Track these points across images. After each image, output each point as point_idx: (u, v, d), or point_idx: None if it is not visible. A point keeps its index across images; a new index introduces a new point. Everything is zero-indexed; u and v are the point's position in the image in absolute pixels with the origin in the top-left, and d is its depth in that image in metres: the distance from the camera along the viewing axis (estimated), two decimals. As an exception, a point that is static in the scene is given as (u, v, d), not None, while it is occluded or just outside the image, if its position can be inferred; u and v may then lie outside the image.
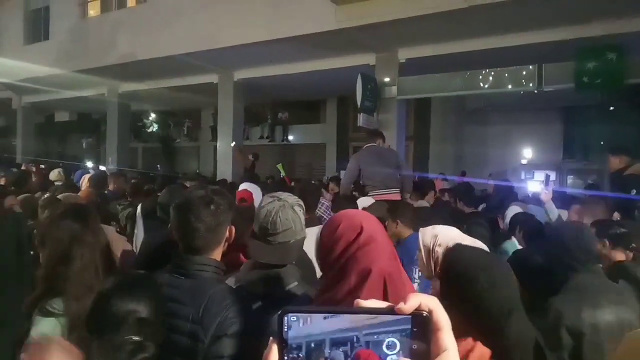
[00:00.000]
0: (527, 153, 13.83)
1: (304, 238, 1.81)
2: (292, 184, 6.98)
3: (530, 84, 9.23)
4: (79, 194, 4.95)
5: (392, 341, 0.50)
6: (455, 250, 1.55)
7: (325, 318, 0.50)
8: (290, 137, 17.39)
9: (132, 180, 7.31)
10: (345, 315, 0.50)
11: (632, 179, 4.40)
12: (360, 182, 5.52)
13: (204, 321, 1.45)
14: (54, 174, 7.53)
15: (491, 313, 1.37)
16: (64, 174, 7.70)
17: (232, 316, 1.46)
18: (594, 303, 2.08)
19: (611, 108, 12.33)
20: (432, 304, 0.51)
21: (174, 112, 19.19)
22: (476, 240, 1.66)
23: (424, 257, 1.62)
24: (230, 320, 1.45)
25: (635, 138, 11.48)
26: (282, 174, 9.05)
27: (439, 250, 1.61)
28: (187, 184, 6.28)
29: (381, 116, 10.12)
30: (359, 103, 9.64)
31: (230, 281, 1.94)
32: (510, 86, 9.48)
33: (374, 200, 4.49)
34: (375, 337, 0.50)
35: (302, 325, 0.50)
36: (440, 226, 1.71)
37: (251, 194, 4.47)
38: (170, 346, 1.46)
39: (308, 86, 13.14)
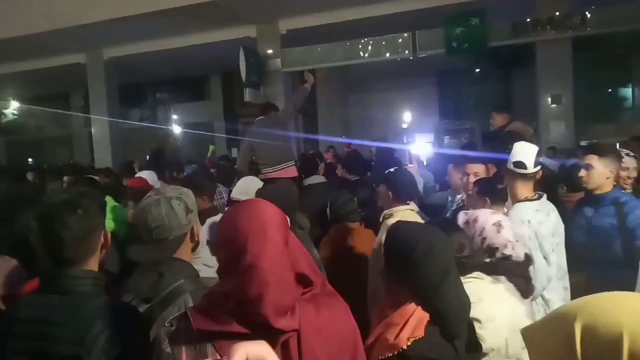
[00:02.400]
0: (408, 117, 14.59)
1: (185, 233, 1.67)
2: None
3: (406, 51, 9.66)
4: None
5: None
6: (395, 225, 1.67)
7: None
8: (174, 117, 16.56)
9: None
10: None
11: (509, 137, 4.77)
12: (253, 159, 5.21)
13: (85, 342, 1.27)
14: None
15: (427, 279, 1.49)
16: None
17: (123, 333, 1.30)
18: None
19: (477, 70, 13.38)
20: (261, 351, 0.48)
21: (38, 98, 17.26)
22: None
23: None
24: (121, 339, 1.29)
25: (500, 96, 12.65)
26: (210, 155, 8.51)
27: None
28: (65, 178, 5.65)
29: (268, 90, 9.99)
30: (243, 77, 9.41)
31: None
32: (388, 54, 9.83)
33: (257, 181, 4.09)
34: None
35: None
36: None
37: (146, 181, 4.16)
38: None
39: (189, 62, 12.53)
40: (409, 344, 1.42)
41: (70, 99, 17.63)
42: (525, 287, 2.02)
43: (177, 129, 14.94)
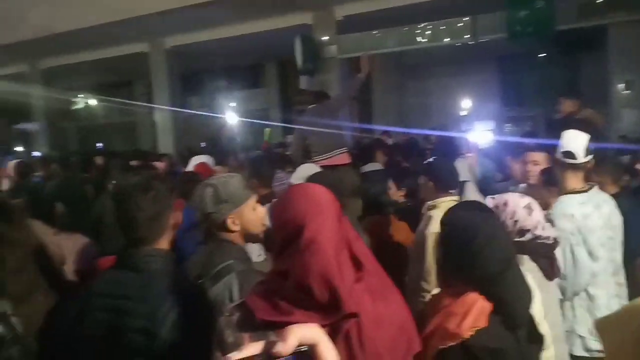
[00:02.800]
0: (467, 104, 14.16)
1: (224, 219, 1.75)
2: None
3: (466, 36, 9.34)
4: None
5: None
6: (452, 212, 1.67)
7: None
8: (232, 104, 16.94)
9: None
10: None
11: (581, 124, 4.55)
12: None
13: (157, 317, 1.35)
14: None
15: (490, 267, 1.47)
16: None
17: (192, 309, 1.37)
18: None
19: (541, 55, 12.76)
20: (314, 335, 0.46)
21: (104, 86, 18.15)
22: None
23: None
24: (186, 315, 1.36)
25: (566, 82, 12.02)
26: (266, 139, 8.73)
27: None
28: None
29: (323, 77, 9.99)
30: (299, 65, 9.45)
31: None
32: (446, 39, 9.55)
33: (316, 168, 4.14)
34: None
35: None
36: None
37: (207, 165, 4.29)
38: (124, 344, 1.37)
39: (246, 50, 12.73)
40: (472, 333, 1.40)
41: (134, 87, 18.40)
42: (549, 268, 2.02)
43: (232, 117, 15.27)
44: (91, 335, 1.43)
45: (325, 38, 9.97)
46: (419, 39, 9.66)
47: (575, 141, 2.62)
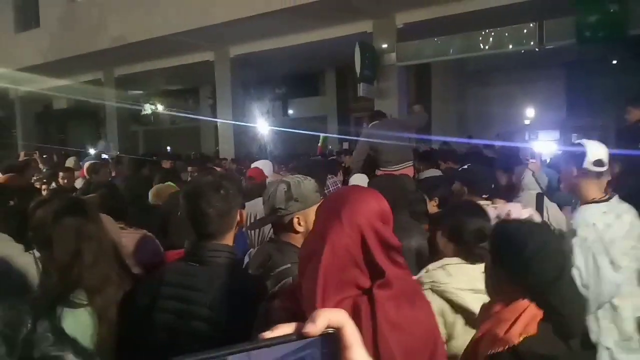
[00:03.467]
0: (531, 112, 13.67)
1: (292, 219, 1.82)
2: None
3: (532, 42, 9.06)
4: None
5: None
6: (504, 222, 1.69)
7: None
8: (290, 111, 17.25)
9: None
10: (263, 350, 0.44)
11: None
12: (371, 154, 5.41)
13: (220, 307, 1.45)
14: (70, 162, 7.47)
15: (543, 275, 1.47)
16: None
17: (252, 303, 1.44)
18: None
19: (611, 61, 12.12)
20: (341, 319, 0.47)
21: (171, 93, 19.03)
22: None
23: None
24: (247, 307, 1.43)
25: (637, 90, 11.32)
26: (321, 145, 8.92)
27: None
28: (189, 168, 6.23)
29: (381, 84, 10.00)
30: (358, 72, 9.52)
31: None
32: (511, 46, 9.31)
33: (366, 178, 4.28)
34: None
35: None
36: None
37: (261, 171, 4.44)
38: (188, 332, 1.47)
39: (306, 58, 12.97)
40: (521, 340, 1.40)
41: (200, 94, 19.15)
42: None
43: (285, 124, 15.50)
44: (161, 322, 1.54)
45: (385, 45, 9.98)
46: (481, 45, 9.46)
47: (603, 149, 2.55)
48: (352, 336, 0.47)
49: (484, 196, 2.85)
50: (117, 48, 12.12)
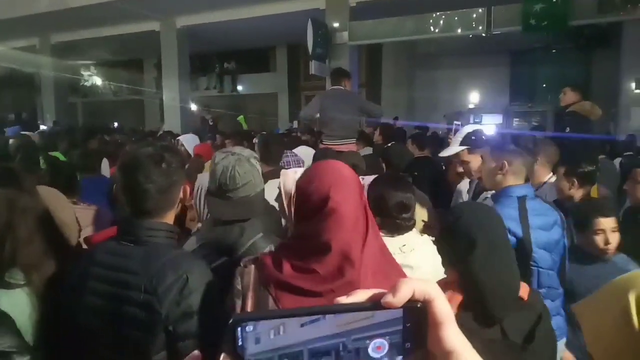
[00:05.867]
0: (475, 97, 14.05)
1: (263, 190, 1.76)
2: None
3: (480, 27, 9.24)
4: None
5: (380, 342, 0.40)
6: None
7: (302, 325, 0.40)
8: (240, 87, 16.89)
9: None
10: (327, 317, 0.40)
11: (570, 117, 4.59)
12: (315, 128, 5.30)
13: (158, 291, 1.34)
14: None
15: (454, 249, 1.49)
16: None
17: (193, 286, 1.35)
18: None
19: (553, 50, 12.62)
20: (430, 291, 0.41)
21: (113, 64, 18.13)
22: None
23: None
24: (191, 292, 1.35)
25: (578, 79, 11.90)
26: (244, 126, 8.84)
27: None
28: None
29: (333, 63, 9.92)
30: (310, 50, 9.39)
31: (192, 240, 1.86)
32: (460, 30, 9.46)
33: (311, 150, 4.28)
34: (367, 341, 0.40)
35: (274, 337, 0.40)
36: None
37: (209, 148, 4.34)
38: (124, 318, 1.37)
39: (256, 33, 12.66)
40: None
41: (144, 66, 18.36)
42: None
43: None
44: (91, 306, 1.43)
45: (337, 24, 9.89)
46: (432, 28, 9.56)
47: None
48: (444, 311, 0.41)
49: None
50: (55, 12, 11.33)
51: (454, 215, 1.53)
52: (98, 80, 18.55)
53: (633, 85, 8.32)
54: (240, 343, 0.40)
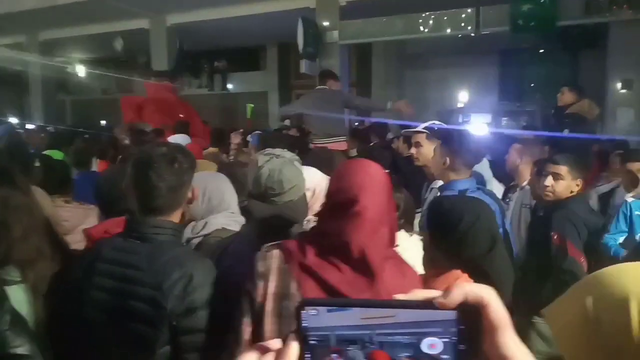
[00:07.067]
0: (464, 96, 14.16)
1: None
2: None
3: (469, 27, 9.33)
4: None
5: (434, 340, 0.42)
6: (439, 197, 1.67)
7: (329, 311, 0.43)
8: (230, 86, 16.84)
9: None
10: (353, 310, 0.43)
11: (570, 117, 4.64)
12: (304, 127, 5.30)
13: (163, 287, 1.38)
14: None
15: (475, 247, 1.53)
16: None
17: (197, 283, 1.39)
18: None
19: (541, 50, 12.77)
20: (484, 295, 0.42)
21: (102, 61, 17.95)
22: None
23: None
24: (195, 288, 1.39)
25: (565, 79, 12.04)
26: (249, 116, 8.75)
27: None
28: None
29: (323, 62, 9.94)
30: (300, 49, 9.41)
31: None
32: (449, 30, 9.53)
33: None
34: (392, 337, 0.43)
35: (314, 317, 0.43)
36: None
37: (198, 148, 4.35)
38: (130, 313, 1.40)
39: (247, 32, 12.63)
40: None
41: (133, 64, 18.20)
42: None
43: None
44: (97, 300, 1.46)
45: (327, 23, 9.92)
46: (421, 28, 9.63)
47: None
48: (500, 316, 0.42)
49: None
50: (42, 9, 11.21)
51: (470, 214, 1.55)
52: (86, 78, 18.36)
53: (619, 85, 8.46)
54: (305, 324, 0.43)
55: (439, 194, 2.55)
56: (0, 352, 1.41)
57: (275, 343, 0.44)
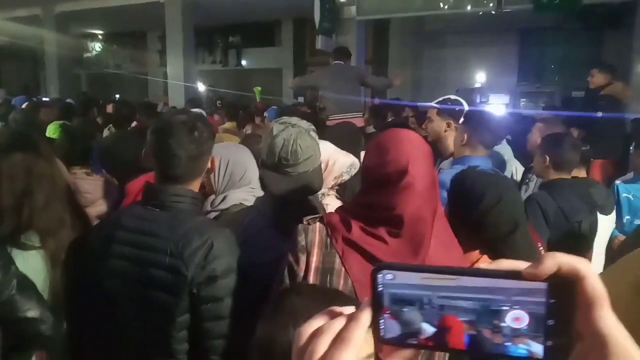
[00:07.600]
0: (482, 76, 13.91)
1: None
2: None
3: (490, 4, 9.08)
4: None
5: (519, 313, 0.39)
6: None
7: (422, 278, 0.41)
8: (244, 62, 16.73)
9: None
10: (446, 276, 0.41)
11: (604, 99, 4.51)
12: (319, 104, 5.26)
13: (184, 255, 1.36)
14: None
15: (497, 229, 1.48)
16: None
17: (217, 252, 1.38)
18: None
19: (563, 30, 12.44)
20: (582, 268, 0.39)
21: (117, 35, 17.93)
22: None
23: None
24: (215, 257, 1.37)
25: (588, 60, 11.75)
26: (258, 99, 8.74)
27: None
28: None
29: (340, 38, 9.80)
30: (317, 24, 9.27)
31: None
32: (469, 7, 9.29)
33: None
34: (454, 302, 0.41)
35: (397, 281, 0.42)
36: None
37: (214, 125, 4.35)
38: (150, 281, 1.39)
39: (262, 6, 12.47)
40: None
41: (147, 38, 18.15)
42: None
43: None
44: (115, 268, 1.45)
45: (345, -2, 9.74)
46: (441, 4, 9.40)
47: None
48: (596, 291, 0.38)
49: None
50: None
51: (492, 193, 1.50)
52: (102, 52, 18.37)
53: (644, 66, 8.24)
54: (380, 289, 0.42)
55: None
56: (10, 316, 1.42)
57: (348, 309, 0.43)
